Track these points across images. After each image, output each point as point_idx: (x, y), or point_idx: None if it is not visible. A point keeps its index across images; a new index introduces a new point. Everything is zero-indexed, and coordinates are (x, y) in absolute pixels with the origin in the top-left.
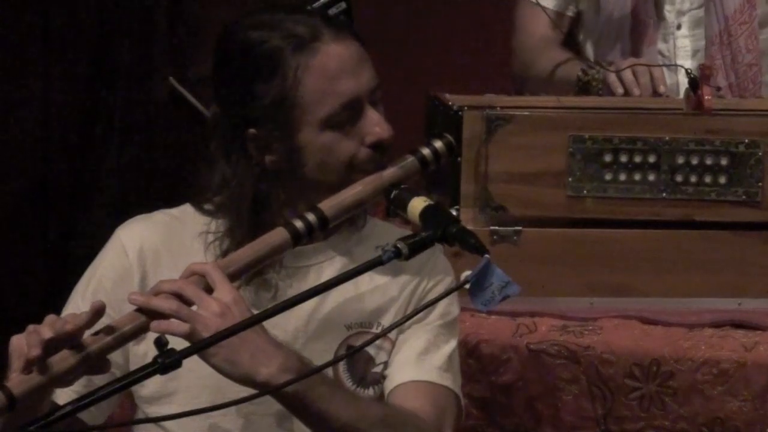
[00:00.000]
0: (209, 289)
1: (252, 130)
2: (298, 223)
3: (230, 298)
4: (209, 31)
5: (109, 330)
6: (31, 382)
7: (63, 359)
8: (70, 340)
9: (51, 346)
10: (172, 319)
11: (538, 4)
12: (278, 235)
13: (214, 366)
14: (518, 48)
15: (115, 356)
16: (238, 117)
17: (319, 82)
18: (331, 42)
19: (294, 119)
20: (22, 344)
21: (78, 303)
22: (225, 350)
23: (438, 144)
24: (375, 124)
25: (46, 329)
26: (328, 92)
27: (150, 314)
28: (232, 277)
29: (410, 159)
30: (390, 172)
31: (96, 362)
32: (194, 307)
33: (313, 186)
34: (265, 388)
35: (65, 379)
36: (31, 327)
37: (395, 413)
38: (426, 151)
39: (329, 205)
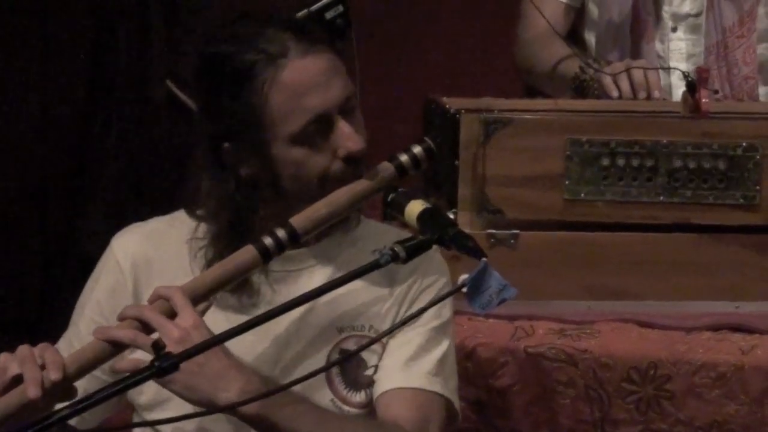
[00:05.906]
0: (175, 313)
1: (226, 144)
2: (267, 240)
3: (190, 323)
4: (207, 33)
5: (71, 360)
6: None
7: (22, 392)
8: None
9: (18, 380)
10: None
11: None
12: (247, 253)
13: (173, 392)
14: (522, 38)
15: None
16: (214, 130)
17: (285, 98)
18: (298, 57)
19: (264, 135)
20: None
21: (78, 324)
22: (182, 376)
23: (417, 149)
24: (346, 138)
25: (15, 365)
26: (294, 108)
27: (112, 344)
28: (200, 298)
29: (386, 167)
30: (363, 182)
31: (59, 392)
32: (156, 334)
33: (291, 197)
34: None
35: (26, 412)
36: (2, 357)
37: (373, 428)
38: (404, 158)
39: (300, 218)
